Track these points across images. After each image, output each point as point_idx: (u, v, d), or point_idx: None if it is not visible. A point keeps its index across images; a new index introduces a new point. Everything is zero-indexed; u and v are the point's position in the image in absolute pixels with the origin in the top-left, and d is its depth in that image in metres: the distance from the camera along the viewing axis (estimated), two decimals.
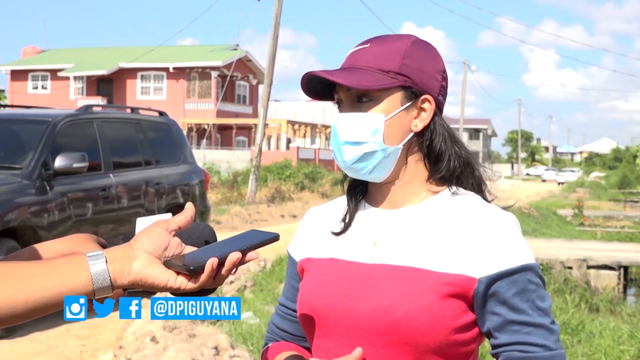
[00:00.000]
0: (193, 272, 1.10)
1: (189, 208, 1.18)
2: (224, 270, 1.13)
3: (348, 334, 1.33)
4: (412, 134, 1.39)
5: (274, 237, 1.19)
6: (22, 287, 1.04)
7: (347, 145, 1.37)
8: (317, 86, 1.41)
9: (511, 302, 1.28)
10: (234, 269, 1.14)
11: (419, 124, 1.39)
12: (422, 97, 1.38)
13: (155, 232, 1.13)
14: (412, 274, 1.31)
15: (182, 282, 1.11)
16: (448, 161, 1.39)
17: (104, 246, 1.33)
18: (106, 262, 1.08)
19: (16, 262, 1.08)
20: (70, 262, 1.08)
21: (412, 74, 1.36)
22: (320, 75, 1.35)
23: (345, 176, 1.48)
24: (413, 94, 1.38)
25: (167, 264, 1.11)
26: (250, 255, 1.15)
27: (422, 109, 1.39)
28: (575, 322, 7.36)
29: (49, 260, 1.11)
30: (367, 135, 1.35)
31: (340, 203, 1.52)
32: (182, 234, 1.19)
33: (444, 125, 1.41)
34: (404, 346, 1.28)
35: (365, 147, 1.36)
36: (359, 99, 1.37)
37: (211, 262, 1.11)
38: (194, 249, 1.16)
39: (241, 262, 1.14)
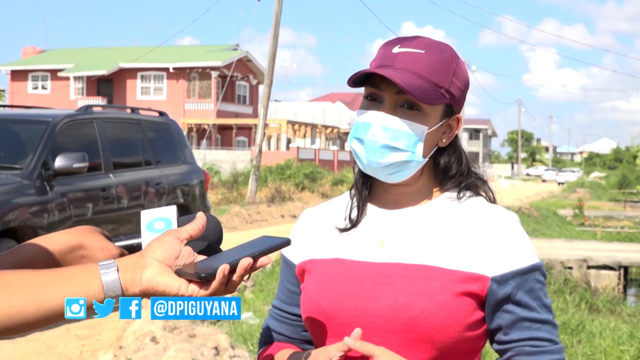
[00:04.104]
0: (204, 279, 1.10)
1: (201, 217, 1.18)
2: (235, 276, 1.12)
3: (361, 333, 1.33)
4: (436, 147, 1.41)
5: (286, 242, 1.18)
6: (34, 296, 1.04)
7: (385, 149, 1.35)
8: (360, 76, 1.37)
9: (523, 300, 1.33)
10: (247, 276, 1.14)
11: (445, 140, 1.41)
12: (455, 115, 1.42)
13: (166, 241, 1.13)
14: (425, 272, 1.33)
15: (193, 290, 1.10)
16: (460, 178, 1.43)
17: (107, 238, 1.33)
18: (117, 271, 1.08)
19: (27, 271, 1.08)
20: (81, 271, 1.08)
21: (456, 92, 1.39)
22: (388, 77, 1.31)
23: (365, 176, 1.45)
24: (451, 111, 1.40)
25: (179, 272, 1.11)
26: (262, 260, 1.14)
27: (450, 126, 1.42)
28: (575, 322, 7.37)
29: (60, 268, 1.11)
30: (409, 145, 1.35)
31: (337, 203, 1.52)
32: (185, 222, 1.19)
33: (461, 145, 1.46)
34: (421, 343, 1.30)
35: (404, 155, 1.36)
36: (405, 105, 1.36)
37: (222, 269, 1.10)
38: (205, 257, 1.16)
39: (253, 267, 1.13)
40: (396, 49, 1.38)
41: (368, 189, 1.47)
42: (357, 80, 1.38)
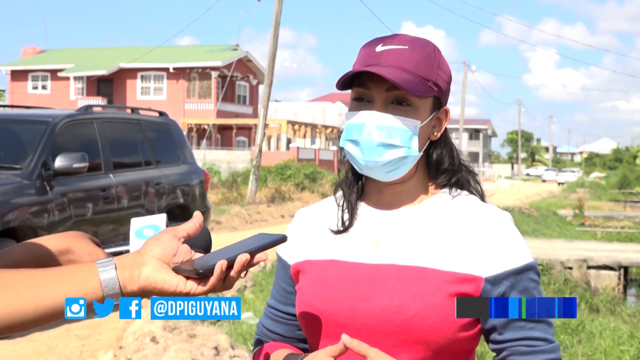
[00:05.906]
0: (202, 276, 1.11)
1: (198, 216, 1.19)
2: (233, 272, 1.13)
3: (356, 334, 1.33)
4: (429, 141, 1.42)
5: (282, 238, 1.20)
6: (33, 295, 1.04)
7: (382, 147, 1.36)
8: (346, 79, 1.38)
9: None
10: (244, 272, 1.15)
11: (437, 134, 1.42)
12: (444, 107, 1.43)
13: (164, 238, 1.14)
14: (420, 273, 1.33)
15: (191, 287, 1.11)
16: (452, 171, 1.44)
17: (97, 245, 1.34)
18: (115, 268, 1.09)
19: (26, 270, 1.08)
20: (80, 270, 1.09)
21: (442, 84, 1.40)
22: (380, 74, 1.31)
23: (356, 177, 1.47)
24: (439, 104, 1.42)
25: (177, 269, 1.12)
26: (259, 256, 1.15)
27: (439, 119, 1.43)
28: (575, 322, 7.36)
29: (58, 267, 1.12)
30: (405, 140, 1.36)
31: (330, 203, 1.52)
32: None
33: (450, 137, 1.46)
34: (415, 344, 1.31)
35: (401, 151, 1.36)
36: (396, 101, 1.36)
37: (220, 264, 1.11)
38: (202, 255, 1.17)
39: (250, 263, 1.14)
40: (379, 48, 1.38)
41: (359, 189, 1.47)
42: (344, 82, 1.38)
